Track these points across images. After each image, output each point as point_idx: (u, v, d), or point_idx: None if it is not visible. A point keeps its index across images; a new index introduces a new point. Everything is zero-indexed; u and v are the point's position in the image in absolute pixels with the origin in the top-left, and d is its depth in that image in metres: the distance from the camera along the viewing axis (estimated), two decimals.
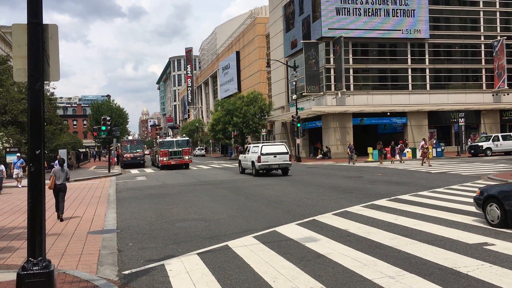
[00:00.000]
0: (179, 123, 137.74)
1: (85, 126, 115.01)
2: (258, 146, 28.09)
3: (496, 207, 10.19)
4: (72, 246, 9.58)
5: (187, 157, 39.35)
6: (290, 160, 27.72)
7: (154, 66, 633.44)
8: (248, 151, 29.78)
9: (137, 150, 47.09)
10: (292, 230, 10.46)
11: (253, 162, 27.74)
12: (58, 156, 27.14)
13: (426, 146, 30.39)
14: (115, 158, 51.35)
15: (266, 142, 31.55)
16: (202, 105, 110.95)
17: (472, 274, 6.66)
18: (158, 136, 45.79)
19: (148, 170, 39.84)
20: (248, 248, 8.86)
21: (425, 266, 7.20)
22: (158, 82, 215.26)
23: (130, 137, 62.73)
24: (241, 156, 31.74)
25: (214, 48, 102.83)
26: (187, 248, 9.11)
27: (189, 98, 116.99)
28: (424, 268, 7.06)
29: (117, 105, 76.80)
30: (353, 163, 36.07)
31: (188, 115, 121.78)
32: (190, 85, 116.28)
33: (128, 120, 79.45)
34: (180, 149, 39.11)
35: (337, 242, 9.11)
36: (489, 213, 10.48)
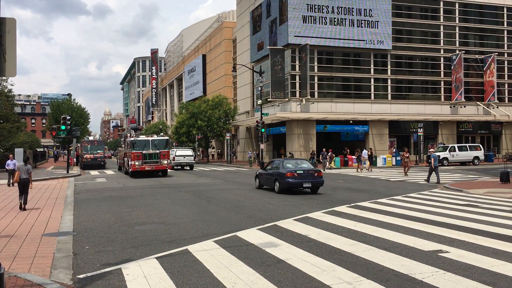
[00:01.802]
0: (143, 124, 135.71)
1: (44, 125, 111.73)
2: (174, 150, 40.50)
3: (257, 180, 21.81)
4: (25, 248, 9.24)
5: (165, 162, 32.22)
6: (194, 160, 42.09)
7: (118, 66, 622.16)
8: None
9: (98, 151, 46.23)
10: (253, 235, 10.45)
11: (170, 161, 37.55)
12: (10, 156, 26.22)
13: (407, 155, 30.20)
14: (74, 159, 50.04)
15: (180, 148, 44.40)
16: (166, 107, 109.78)
17: (426, 280, 6.83)
18: (129, 135, 41.51)
19: (109, 172, 39.02)
20: (208, 253, 8.79)
21: (382, 272, 7.33)
22: (122, 83, 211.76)
23: (91, 138, 61.40)
24: None
25: (180, 51, 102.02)
26: (146, 252, 8.95)
27: (154, 100, 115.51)
28: (381, 274, 7.19)
29: (78, 104, 74.72)
30: (330, 168, 36.06)
31: (152, 117, 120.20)
32: (154, 86, 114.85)
33: (89, 120, 77.49)
34: (158, 151, 31.81)
35: (297, 247, 9.16)
36: (255, 182, 22.05)
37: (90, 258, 8.62)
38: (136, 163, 31.37)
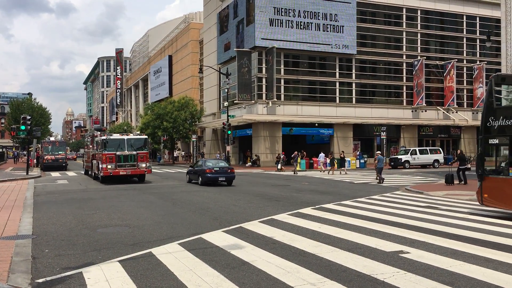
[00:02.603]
0: (107, 125, 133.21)
1: (2, 125, 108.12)
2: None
3: (188, 175, 27.06)
4: None
5: (144, 165, 27.18)
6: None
7: (82, 66, 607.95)
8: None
9: (59, 152, 45.19)
10: (218, 237, 10.41)
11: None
12: None
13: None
14: (35, 160, 48.63)
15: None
16: (131, 108, 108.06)
17: (388, 281, 6.98)
18: (99, 133, 35.23)
19: (71, 173, 38.07)
20: (173, 255, 8.70)
21: (345, 273, 7.44)
22: (85, 83, 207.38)
23: (52, 138, 59.80)
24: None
25: (146, 51, 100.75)
26: (108, 255, 8.78)
27: (118, 101, 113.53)
28: (344, 275, 7.29)
29: (39, 104, 72.64)
30: (296, 173, 35.79)
31: (116, 118, 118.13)
32: (119, 87, 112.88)
33: (50, 120, 75.56)
34: (134, 152, 26.86)
35: (262, 249, 9.18)
36: (186, 178, 27.29)
37: (49, 262, 8.38)
38: (109, 166, 26.38)
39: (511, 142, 12.72)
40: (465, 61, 54.62)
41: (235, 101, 47.17)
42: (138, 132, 30.31)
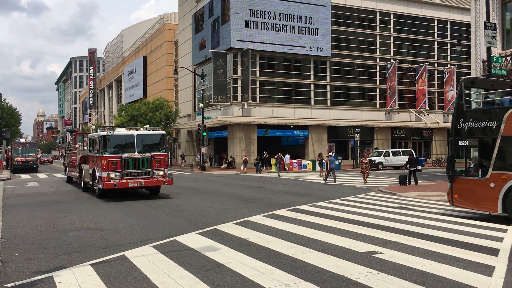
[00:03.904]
0: (79, 126, 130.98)
1: None
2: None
3: None
4: None
5: (162, 173, 19.29)
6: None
7: (53, 66, 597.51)
8: None
9: (30, 154, 44.46)
10: (192, 239, 10.35)
11: None
12: None
13: (366, 161, 28.83)
14: (4, 162, 47.50)
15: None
16: (104, 109, 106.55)
17: (361, 281, 7.06)
18: (92, 129, 31.28)
19: (42, 176, 37.26)
20: (146, 258, 8.61)
21: (319, 274, 7.49)
22: (57, 83, 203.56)
23: (22, 140, 58.48)
24: None
25: (120, 51, 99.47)
26: (80, 259, 8.63)
27: (91, 101, 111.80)
28: (318, 276, 7.35)
29: (9, 104, 71.10)
30: (279, 175, 35.50)
31: (89, 119, 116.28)
32: (92, 87, 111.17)
33: (21, 121, 74.07)
34: (148, 154, 18.94)
35: (237, 251, 9.17)
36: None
37: (19, 266, 8.19)
38: (112, 175, 18.34)
39: (480, 144, 13.06)
40: (436, 64, 55.77)
41: (210, 103, 46.99)
42: (147, 126, 21.46)
